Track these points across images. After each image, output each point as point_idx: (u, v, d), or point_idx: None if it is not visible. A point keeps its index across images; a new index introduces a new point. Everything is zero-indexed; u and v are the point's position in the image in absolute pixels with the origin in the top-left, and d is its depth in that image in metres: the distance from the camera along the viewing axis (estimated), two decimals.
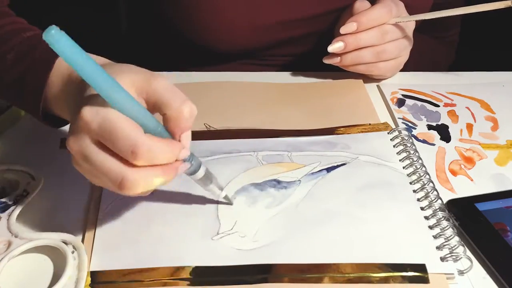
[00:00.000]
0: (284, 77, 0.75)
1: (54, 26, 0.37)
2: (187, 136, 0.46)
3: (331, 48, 0.68)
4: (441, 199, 0.53)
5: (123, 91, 0.42)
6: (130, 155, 0.41)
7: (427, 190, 0.54)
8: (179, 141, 0.45)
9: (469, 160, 0.60)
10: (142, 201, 0.53)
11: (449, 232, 0.49)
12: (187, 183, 0.55)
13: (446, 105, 0.70)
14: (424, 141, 0.63)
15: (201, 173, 0.49)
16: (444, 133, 0.64)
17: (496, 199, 0.54)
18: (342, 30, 0.67)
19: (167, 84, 0.44)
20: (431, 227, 0.50)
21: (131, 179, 0.42)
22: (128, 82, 0.43)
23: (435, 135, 0.64)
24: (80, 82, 0.45)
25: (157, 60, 0.75)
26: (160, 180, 0.44)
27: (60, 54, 0.38)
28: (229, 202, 0.53)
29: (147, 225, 0.51)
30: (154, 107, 0.44)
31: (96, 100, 0.42)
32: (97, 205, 0.53)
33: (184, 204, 0.53)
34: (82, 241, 0.49)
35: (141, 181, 0.43)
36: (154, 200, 0.53)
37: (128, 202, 0.53)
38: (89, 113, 0.42)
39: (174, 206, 0.53)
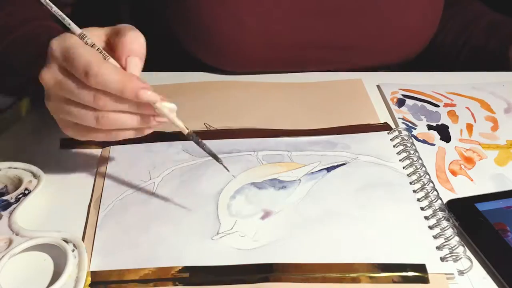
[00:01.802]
0: (284, 77, 0.75)
1: None
2: (131, 61, 0.47)
3: None
4: (441, 199, 0.53)
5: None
6: (83, 75, 0.44)
7: (427, 190, 0.54)
8: (125, 65, 0.47)
9: (469, 160, 0.60)
10: (142, 201, 0.53)
11: (449, 232, 0.49)
12: (187, 183, 0.55)
13: (446, 105, 0.70)
14: (424, 141, 0.63)
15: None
16: (444, 133, 0.64)
17: (496, 199, 0.54)
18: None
19: (125, 25, 0.48)
20: (431, 227, 0.50)
21: (100, 95, 0.45)
22: (100, 29, 0.49)
23: (435, 135, 0.64)
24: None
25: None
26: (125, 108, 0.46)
27: None
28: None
29: (147, 225, 0.51)
30: (112, 42, 0.48)
31: (64, 35, 0.47)
32: (97, 205, 0.53)
33: (184, 204, 0.53)
34: (82, 241, 0.49)
35: (109, 101, 0.45)
36: (154, 200, 0.53)
37: (129, 203, 0.53)
38: (55, 42, 0.47)
39: (174, 206, 0.53)
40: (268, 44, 0.73)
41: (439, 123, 0.66)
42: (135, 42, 0.47)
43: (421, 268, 0.46)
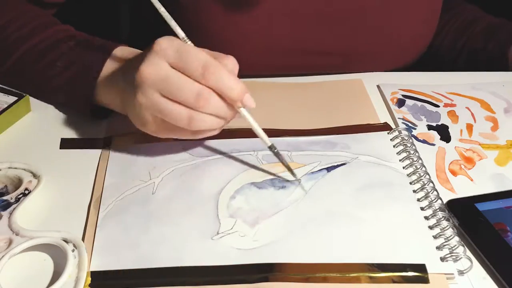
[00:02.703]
0: (284, 77, 0.75)
1: None
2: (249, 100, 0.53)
3: None
4: (441, 199, 0.53)
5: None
6: (201, 70, 0.49)
7: (427, 190, 0.54)
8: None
9: (469, 160, 0.60)
10: (142, 201, 0.53)
11: (449, 232, 0.49)
12: (188, 183, 0.55)
13: (446, 105, 0.70)
14: (424, 141, 0.63)
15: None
16: (444, 133, 0.64)
17: (496, 199, 0.54)
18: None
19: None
20: (431, 227, 0.50)
21: (206, 95, 0.50)
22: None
23: (435, 135, 0.64)
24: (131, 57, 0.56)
25: None
26: (225, 111, 0.52)
27: None
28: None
29: (147, 225, 0.51)
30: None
31: (169, 37, 0.51)
32: (97, 205, 0.53)
33: (184, 204, 0.53)
34: (82, 241, 0.49)
35: (212, 98, 0.50)
36: (154, 200, 0.53)
37: (129, 203, 0.53)
38: (165, 41, 0.51)
39: (174, 206, 0.53)
40: (268, 49, 0.73)
41: (439, 123, 0.66)
42: (235, 68, 0.53)
43: (421, 268, 0.46)
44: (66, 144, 0.61)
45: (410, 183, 0.55)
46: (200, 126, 0.52)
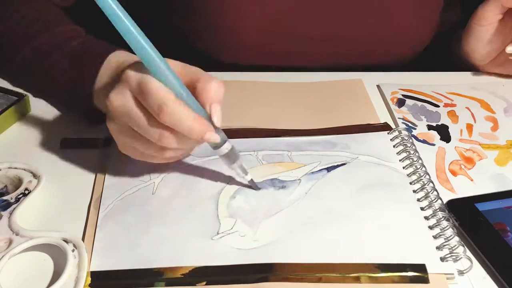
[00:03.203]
0: (284, 77, 0.75)
1: None
2: (216, 109, 0.48)
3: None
4: (441, 199, 0.53)
5: (162, 58, 0.47)
6: (157, 110, 0.46)
7: (427, 190, 0.54)
8: (210, 112, 0.48)
9: (469, 160, 0.60)
10: (142, 201, 0.53)
11: (449, 232, 0.49)
12: (187, 183, 0.55)
13: (446, 105, 0.70)
14: (424, 141, 0.63)
15: (224, 149, 0.51)
16: (444, 133, 0.64)
17: (496, 199, 0.54)
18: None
19: (198, 68, 0.50)
20: (431, 227, 0.50)
21: (167, 136, 0.48)
22: (172, 62, 0.49)
23: (435, 135, 0.64)
24: (123, 68, 0.51)
25: None
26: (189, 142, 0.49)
27: (108, 17, 0.44)
28: (254, 187, 0.54)
29: (147, 225, 0.51)
30: (187, 85, 0.49)
31: (138, 65, 0.48)
32: (97, 205, 0.53)
33: (184, 204, 0.53)
34: (82, 241, 0.49)
35: (175, 137, 0.48)
36: (154, 201, 0.53)
37: (129, 203, 0.53)
38: (131, 72, 0.48)
39: (174, 206, 0.53)
40: (268, 33, 0.73)
41: (439, 123, 0.66)
42: (217, 91, 0.49)
43: (421, 268, 0.46)
44: (66, 144, 0.61)
45: (410, 183, 0.55)
46: (172, 158, 0.52)
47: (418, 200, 0.53)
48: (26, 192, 0.53)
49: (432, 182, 0.55)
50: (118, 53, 0.59)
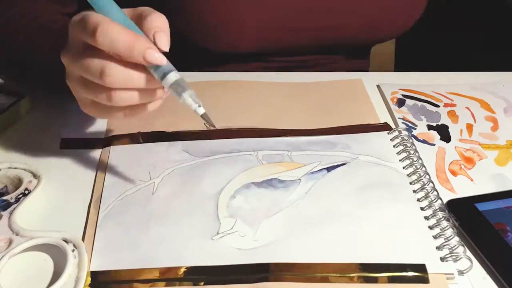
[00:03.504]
0: (284, 77, 0.75)
1: None
2: (160, 34, 0.46)
3: None
4: (441, 199, 0.53)
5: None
6: (92, 33, 0.44)
7: (427, 190, 0.54)
8: (154, 38, 0.46)
9: (469, 160, 0.60)
10: (142, 201, 0.53)
11: (449, 232, 0.49)
12: (187, 183, 0.55)
13: (446, 105, 0.70)
14: (424, 141, 0.63)
15: (171, 78, 0.46)
16: (444, 133, 0.64)
17: (496, 199, 0.54)
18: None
19: (144, 7, 0.48)
20: (431, 227, 0.50)
21: (112, 67, 0.45)
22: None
23: (435, 135, 0.64)
24: None
25: None
26: (135, 75, 0.46)
27: None
28: (209, 122, 0.49)
29: (147, 225, 0.51)
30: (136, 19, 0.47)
31: (83, 12, 0.46)
32: (97, 205, 0.53)
33: (184, 204, 0.53)
34: (82, 241, 0.49)
35: (118, 72, 0.45)
36: (154, 201, 0.53)
37: (129, 203, 0.53)
38: (74, 18, 0.47)
39: (174, 206, 0.53)
40: (261, 12, 0.72)
41: (439, 123, 0.66)
42: (159, 20, 0.47)
43: (421, 268, 0.46)
44: (66, 144, 0.61)
45: (410, 183, 0.55)
46: (122, 101, 0.47)
47: (418, 200, 0.53)
48: (26, 192, 0.53)
49: (432, 182, 0.55)
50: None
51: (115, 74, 0.45)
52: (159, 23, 0.46)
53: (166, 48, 0.46)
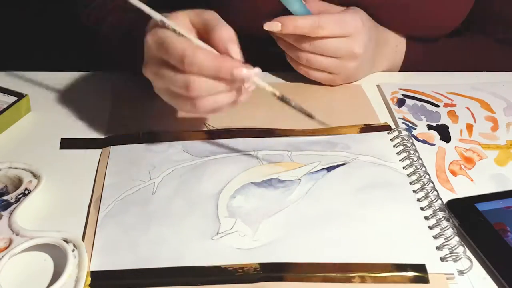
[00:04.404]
0: (284, 77, 0.75)
1: None
2: (234, 48, 0.50)
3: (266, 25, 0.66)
4: (441, 199, 0.53)
5: None
6: (179, 61, 0.48)
7: (427, 190, 0.54)
8: (227, 50, 0.49)
9: (469, 160, 0.60)
10: (142, 201, 0.53)
11: (449, 232, 0.49)
12: (187, 183, 0.55)
13: (446, 105, 0.70)
14: (424, 141, 0.63)
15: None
16: (444, 133, 0.64)
17: (496, 199, 0.54)
18: (266, 25, 0.65)
19: (211, 15, 0.52)
20: (431, 227, 0.50)
21: (192, 83, 0.49)
22: (183, 14, 0.52)
23: (435, 135, 0.64)
24: None
25: None
26: (222, 88, 0.50)
27: None
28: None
29: (147, 225, 0.51)
30: (204, 30, 0.51)
31: (154, 29, 0.51)
32: (97, 205, 0.53)
33: (184, 204, 0.53)
34: (82, 241, 0.49)
35: (204, 84, 0.49)
36: (154, 201, 0.53)
37: (129, 203, 0.53)
38: (149, 38, 0.51)
39: (174, 206, 0.53)
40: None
41: (439, 123, 0.66)
42: (228, 30, 0.50)
43: (421, 268, 0.47)
44: (66, 144, 0.61)
45: (410, 183, 0.55)
46: (208, 107, 0.51)
47: (418, 200, 0.53)
48: (26, 192, 0.53)
49: (432, 182, 0.55)
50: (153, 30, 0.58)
51: (201, 87, 0.49)
52: (228, 34, 0.50)
53: (239, 58, 0.49)
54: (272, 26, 0.64)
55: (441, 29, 0.77)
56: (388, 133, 0.62)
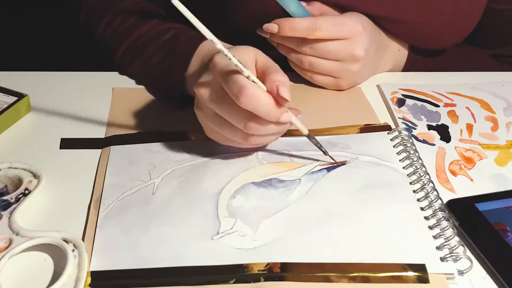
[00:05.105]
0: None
1: None
2: (283, 89, 0.50)
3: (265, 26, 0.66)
4: (441, 199, 0.53)
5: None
6: (237, 93, 0.49)
7: (427, 190, 0.54)
8: (277, 90, 0.50)
9: (469, 160, 0.60)
10: (142, 201, 0.53)
11: (449, 232, 0.49)
12: (187, 183, 0.55)
13: (446, 105, 0.70)
14: (424, 141, 0.63)
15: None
16: (444, 133, 0.64)
17: (496, 199, 0.54)
18: (264, 27, 0.66)
19: (274, 64, 0.54)
20: (431, 227, 0.50)
21: (252, 126, 0.51)
22: (251, 54, 0.54)
23: (435, 135, 0.64)
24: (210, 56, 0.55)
25: None
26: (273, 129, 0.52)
27: None
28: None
29: (147, 225, 0.51)
30: (262, 71, 0.53)
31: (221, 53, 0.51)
32: (97, 205, 0.53)
33: (184, 204, 0.53)
34: (82, 241, 0.49)
35: (261, 125, 0.51)
36: (154, 201, 0.53)
37: (129, 203, 0.53)
38: (216, 59, 0.52)
39: (174, 206, 0.53)
40: None
41: (439, 123, 0.66)
42: (282, 75, 0.52)
43: (421, 268, 0.46)
44: (66, 144, 0.61)
45: (410, 183, 0.55)
46: (257, 143, 0.55)
47: (418, 200, 0.53)
48: (26, 192, 0.53)
49: (432, 182, 0.55)
50: (208, 43, 0.63)
51: (258, 128, 0.51)
52: (281, 78, 0.51)
53: (289, 99, 0.50)
54: (269, 27, 0.65)
55: (444, 44, 0.77)
56: (388, 133, 0.62)
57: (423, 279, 0.46)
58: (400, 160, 0.58)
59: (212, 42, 0.49)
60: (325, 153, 0.58)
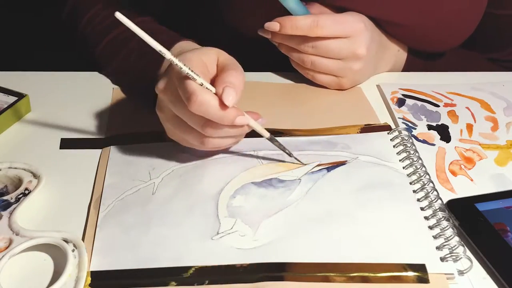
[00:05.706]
0: (284, 77, 0.75)
1: None
2: (229, 93, 0.49)
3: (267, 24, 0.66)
4: (441, 199, 0.53)
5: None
6: (186, 100, 0.49)
7: (427, 190, 0.54)
8: (221, 92, 0.49)
9: (469, 160, 0.60)
10: (142, 202, 0.53)
11: (449, 232, 0.49)
12: (187, 183, 0.55)
13: (446, 105, 0.70)
14: (424, 141, 0.63)
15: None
16: (444, 133, 0.64)
17: (496, 199, 0.54)
18: (266, 25, 0.66)
19: (235, 61, 0.54)
20: (431, 227, 0.50)
21: (210, 129, 0.51)
22: (213, 55, 0.53)
23: (435, 135, 0.64)
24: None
25: None
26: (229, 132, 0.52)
27: None
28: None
29: (147, 225, 0.51)
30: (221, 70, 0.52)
31: (184, 56, 0.51)
32: (97, 205, 0.53)
33: (184, 204, 0.53)
34: (82, 241, 0.49)
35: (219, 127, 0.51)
36: (154, 201, 0.53)
37: (129, 203, 0.53)
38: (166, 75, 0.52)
39: (174, 206, 0.53)
40: None
41: (439, 123, 0.66)
42: (235, 76, 0.51)
43: (421, 268, 0.46)
44: (66, 144, 0.61)
45: (410, 183, 0.55)
46: (213, 146, 0.54)
47: (418, 200, 0.53)
48: (26, 192, 0.53)
49: (432, 182, 0.55)
50: (182, 43, 0.64)
51: (215, 131, 0.51)
52: (233, 79, 0.50)
53: (230, 105, 0.49)
54: (271, 26, 0.65)
55: (443, 47, 0.77)
56: (388, 133, 0.62)
57: (423, 279, 0.46)
58: (400, 160, 0.58)
59: (161, 52, 0.49)
60: (289, 155, 0.58)
